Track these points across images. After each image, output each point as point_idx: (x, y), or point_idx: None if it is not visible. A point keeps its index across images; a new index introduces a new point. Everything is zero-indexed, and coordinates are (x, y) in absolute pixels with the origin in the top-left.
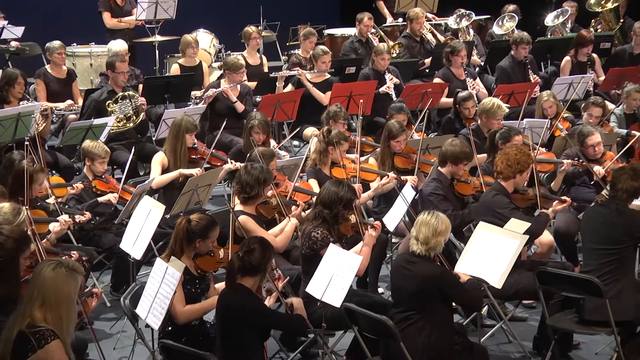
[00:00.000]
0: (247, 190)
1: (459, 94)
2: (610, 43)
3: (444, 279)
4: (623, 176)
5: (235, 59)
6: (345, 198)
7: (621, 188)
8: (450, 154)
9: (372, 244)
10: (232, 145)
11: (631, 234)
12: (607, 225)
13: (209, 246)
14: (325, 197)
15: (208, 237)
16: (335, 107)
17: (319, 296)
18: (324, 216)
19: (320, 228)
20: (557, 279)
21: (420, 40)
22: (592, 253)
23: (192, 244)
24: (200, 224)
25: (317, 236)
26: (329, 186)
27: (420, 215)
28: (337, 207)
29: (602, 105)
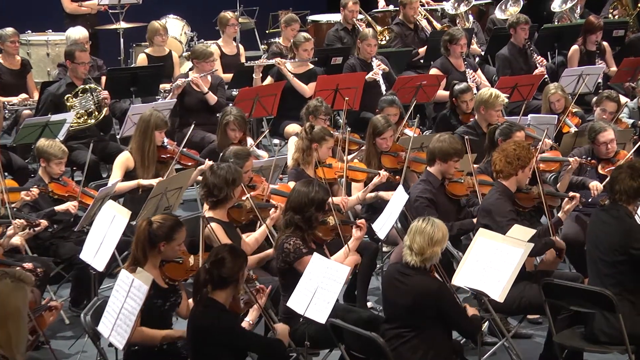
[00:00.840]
0: (215, 193)
1: (455, 86)
2: (624, 30)
3: (441, 295)
4: (620, 176)
5: (203, 47)
6: (316, 199)
7: (619, 190)
8: (439, 151)
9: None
10: (204, 142)
11: (625, 248)
12: (607, 233)
13: (175, 250)
14: (295, 201)
15: (173, 239)
16: (316, 101)
17: (301, 311)
18: (296, 222)
19: (293, 238)
20: (565, 291)
21: (414, 27)
22: (596, 264)
23: (156, 248)
24: (163, 225)
25: (289, 248)
26: (297, 188)
27: (414, 223)
28: (309, 210)
29: (617, 100)
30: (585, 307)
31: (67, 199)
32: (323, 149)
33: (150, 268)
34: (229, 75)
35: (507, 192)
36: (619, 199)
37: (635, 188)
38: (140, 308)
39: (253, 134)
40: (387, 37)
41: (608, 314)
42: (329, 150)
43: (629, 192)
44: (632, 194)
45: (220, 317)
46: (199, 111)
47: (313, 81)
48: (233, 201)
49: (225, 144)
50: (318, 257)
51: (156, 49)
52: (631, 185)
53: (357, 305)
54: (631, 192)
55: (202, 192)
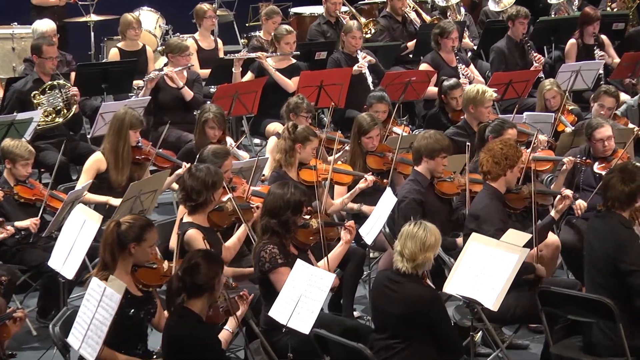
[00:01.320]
0: (194, 197)
1: (444, 82)
2: (624, 23)
3: (434, 304)
4: (612, 181)
5: (178, 40)
6: (292, 201)
7: (611, 196)
8: (424, 148)
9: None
10: (180, 142)
11: (615, 260)
12: (600, 242)
13: (147, 253)
14: (269, 204)
15: (144, 240)
16: (297, 98)
17: (284, 321)
18: (272, 227)
19: (270, 245)
20: (563, 299)
21: (402, 20)
22: (590, 273)
23: (126, 250)
24: (132, 225)
25: (265, 256)
26: (272, 190)
27: (405, 227)
28: (285, 214)
29: (616, 95)
30: (583, 316)
31: (34, 202)
32: (307, 150)
33: (121, 274)
34: (207, 71)
35: (497, 195)
36: (611, 206)
37: (627, 193)
38: (112, 318)
39: (232, 133)
40: (372, 29)
41: (608, 324)
42: (313, 151)
43: (621, 198)
44: (625, 200)
45: (196, 328)
46: (174, 108)
47: (296, 76)
48: (213, 205)
49: (204, 144)
50: (301, 264)
51: (129, 43)
52: (622, 191)
53: (343, 315)
54: (623, 198)
55: (180, 195)
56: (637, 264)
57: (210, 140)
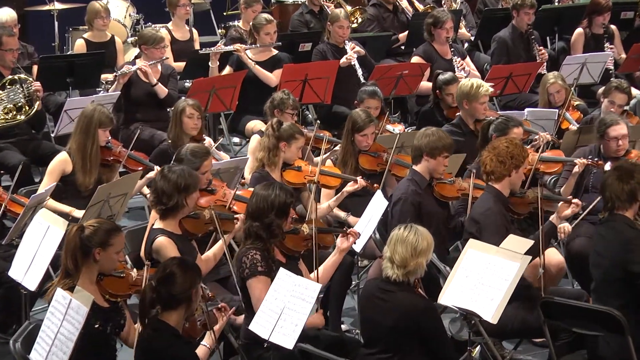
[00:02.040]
0: (164, 201)
1: (439, 77)
2: (634, 12)
3: (428, 315)
4: (608, 180)
5: (153, 31)
6: (277, 203)
7: (610, 197)
8: (426, 146)
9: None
10: (153, 141)
11: (624, 264)
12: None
13: (113, 259)
14: (252, 206)
15: (109, 245)
16: (282, 93)
17: (265, 336)
18: (255, 231)
19: (252, 250)
20: (567, 311)
21: (393, 9)
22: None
23: (90, 256)
24: (97, 229)
25: (245, 262)
26: (256, 191)
27: (394, 231)
28: (269, 216)
29: (628, 91)
30: (589, 329)
31: None
32: (292, 149)
33: (86, 283)
34: (181, 63)
35: (500, 198)
36: (611, 207)
37: (628, 191)
38: (79, 333)
39: (209, 131)
40: (359, 18)
41: (615, 337)
42: (299, 150)
43: (621, 196)
44: (626, 198)
45: (171, 343)
46: (146, 105)
47: (278, 69)
48: (186, 210)
49: (181, 139)
50: (285, 273)
51: (96, 34)
52: (622, 189)
53: (329, 328)
54: (623, 196)
55: (150, 198)
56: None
57: (188, 134)
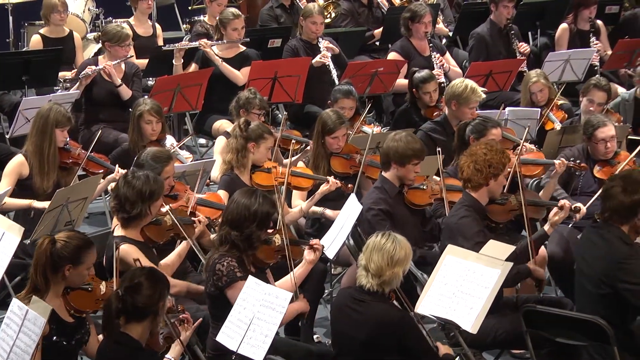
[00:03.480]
0: (127, 208)
1: (415, 74)
2: (618, 6)
3: (404, 326)
4: (612, 190)
5: (118, 27)
6: (259, 213)
7: (609, 207)
8: (394, 153)
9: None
10: (116, 145)
11: (612, 279)
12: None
13: (83, 275)
14: (233, 214)
15: (81, 262)
16: (248, 92)
17: (234, 347)
18: (233, 240)
19: (228, 258)
20: (551, 320)
21: (368, 4)
22: (580, 292)
23: (60, 273)
24: (68, 245)
25: (221, 269)
26: (237, 198)
27: (371, 238)
28: (250, 227)
29: (607, 88)
30: (574, 338)
31: None
32: (261, 150)
33: (51, 298)
34: (144, 61)
35: (476, 207)
36: (609, 218)
37: (628, 206)
38: (36, 346)
39: (174, 132)
40: (332, 13)
41: (600, 347)
42: (268, 151)
43: (620, 210)
44: (624, 213)
45: (135, 356)
46: (109, 105)
47: (246, 66)
48: (150, 218)
49: (140, 143)
50: (254, 281)
51: (54, 29)
52: (622, 202)
53: (301, 339)
54: (622, 210)
55: (112, 204)
56: (638, 282)
57: (148, 138)
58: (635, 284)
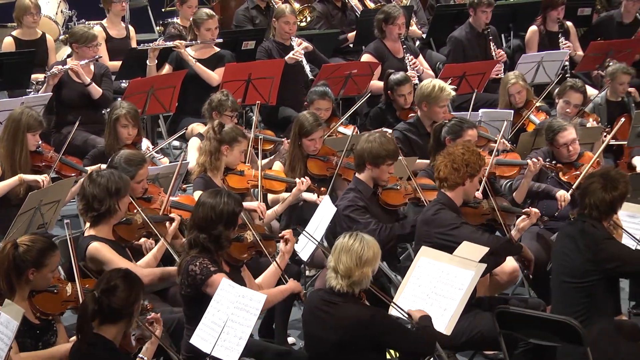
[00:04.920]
0: (96, 206)
1: (390, 76)
2: (591, 8)
3: (376, 323)
4: (592, 186)
5: (85, 28)
6: (225, 213)
7: (589, 203)
8: (368, 154)
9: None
10: (87, 146)
11: (596, 263)
12: (571, 251)
13: (47, 278)
14: (199, 216)
15: (44, 266)
16: (221, 94)
17: (207, 350)
18: (202, 243)
19: (199, 258)
20: (524, 321)
21: (342, 6)
22: (559, 288)
23: (23, 277)
24: (31, 249)
25: (195, 270)
26: (203, 200)
27: (339, 239)
28: (217, 228)
29: (583, 90)
30: (547, 339)
31: None
32: (234, 153)
33: (18, 301)
34: (117, 63)
35: (451, 205)
36: (589, 214)
37: (608, 202)
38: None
39: (147, 134)
40: (308, 17)
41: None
42: (242, 154)
43: (601, 206)
44: (605, 209)
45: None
46: (80, 107)
47: (220, 67)
48: (119, 216)
49: (116, 146)
50: (228, 283)
51: (26, 31)
52: (603, 199)
53: (275, 341)
54: (603, 206)
55: (80, 205)
56: (618, 259)
57: (123, 142)
58: (616, 260)
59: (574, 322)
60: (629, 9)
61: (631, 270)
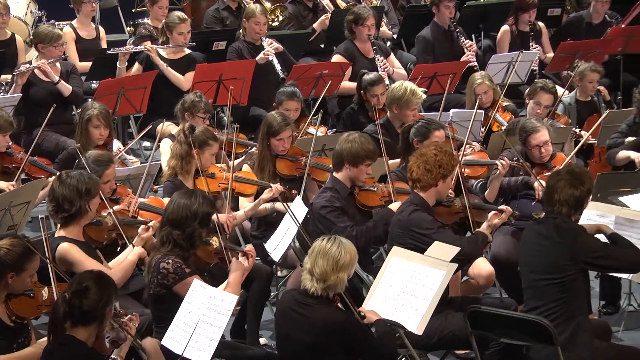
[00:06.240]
0: (66, 207)
1: (363, 77)
2: (560, 9)
3: (348, 328)
4: (559, 184)
5: (49, 28)
6: (200, 212)
7: (558, 200)
8: (347, 153)
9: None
10: (58, 149)
11: (574, 257)
12: (545, 247)
13: (25, 282)
14: (174, 214)
15: (24, 270)
16: (194, 95)
17: (179, 351)
18: (175, 239)
19: (172, 256)
20: (495, 321)
21: (313, 7)
22: (532, 286)
23: (2, 281)
24: (12, 253)
25: (167, 267)
26: (176, 199)
27: (317, 242)
28: (191, 225)
29: (554, 91)
30: (518, 339)
31: None
32: (206, 156)
33: None
34: (87, 63)
35: (424, 206)
36: (558, 211)
37: (577, 197)
38: None
39: (118, 135)
40: (280, 16)
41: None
42: (213, 157)
43: (570, 201)
44: (574, 204)
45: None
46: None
47: (191, 70)
48: (89, 216)
49: (87, 147)
50: (199, 284)
51: None
52: (572, 194)
53: (247, 342)
54: (572, 201)
55: (49, 207)
56: (598, 250)
57: (95, 143)
58: (594, 252)
59: (545, 322)
60: (598, 9)
61: (610, 264)
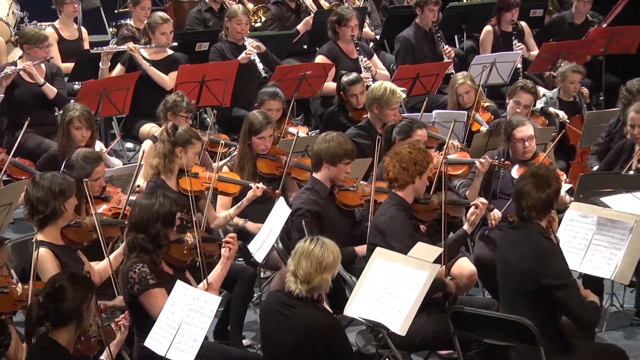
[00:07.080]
0: (41, 209)
1: (343, 77)
2: (543, 9)
3: (333, 331)
4: (525, 188)
5: (35, 29)
6: (162, 212)
7: (527, 205)
8: (325, 153)
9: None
10: (40, 150)
11: (536, 276)
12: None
13: None
14: (136, 217)
15: None
16: (176, 95)
17: (162, 352)
18: (140, 244)
19: (139, 264)
20: (478, 321)
21: (296, 7)
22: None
23: None
24: None
25: (134, 277)
26: (138, 201)
27: (300, 243)
28: (154, 226)
29: (534, 91)
30: (501, 339)
31: None
32: (189, 155)
33: None
34: (70, 64)
35: (404, 206)
36: (528, 216)
37: (544, 200)
38: None
39: (101, 136)
40: (262, 17)
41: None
42: (196, 156)
43: (537, 206)
44: (542, 208)
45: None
46: (33, 108)
47: (174, 70)
48: (67, 218)
49: (69, 148)
50: (182, 286)
51: None
52: (539, 198)
53: (230, 344)
54: (539, 205)
55: (25, 210)
56: (563, 277)
57: (77, 144)
58: (557, 278)
59: (527, 322)
60: (580, 9)
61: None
